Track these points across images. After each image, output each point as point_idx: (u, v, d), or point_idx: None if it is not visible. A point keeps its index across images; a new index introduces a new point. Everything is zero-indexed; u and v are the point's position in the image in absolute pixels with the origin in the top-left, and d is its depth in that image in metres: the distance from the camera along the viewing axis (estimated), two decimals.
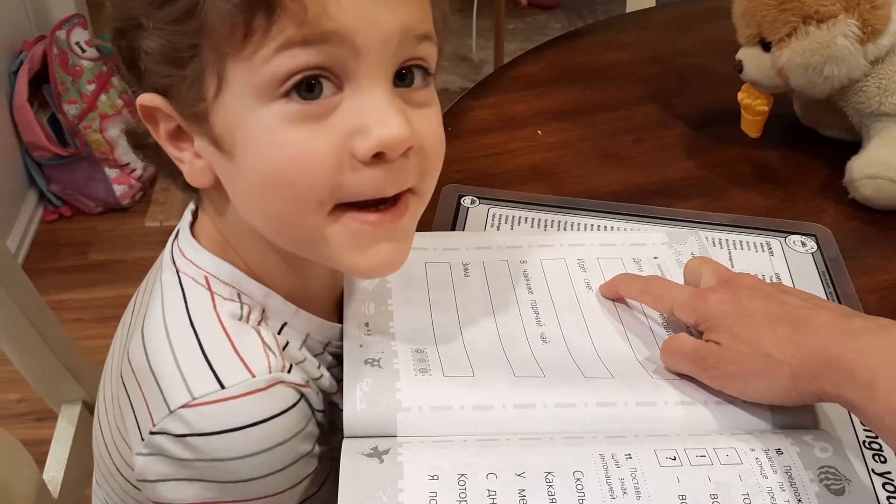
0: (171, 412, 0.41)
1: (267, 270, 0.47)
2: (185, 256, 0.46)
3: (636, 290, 0.53)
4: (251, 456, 0.41)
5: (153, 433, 0.42)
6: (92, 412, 0.76)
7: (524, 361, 0.49)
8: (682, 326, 0.52)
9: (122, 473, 0.48)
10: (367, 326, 0.50)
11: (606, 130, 0.82)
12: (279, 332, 0.47)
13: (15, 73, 1.69)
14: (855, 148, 0.74)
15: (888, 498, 0.45)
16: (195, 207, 0.49)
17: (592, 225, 0.68)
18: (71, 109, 1.72)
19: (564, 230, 0.67)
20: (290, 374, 0.44)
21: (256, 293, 0.46)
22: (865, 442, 0.49)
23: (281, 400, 0.42)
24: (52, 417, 0.77)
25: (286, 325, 0.47)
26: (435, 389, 0.46)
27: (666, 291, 0.52)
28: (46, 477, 0.70)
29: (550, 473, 0.42)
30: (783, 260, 0.64)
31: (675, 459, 0.43)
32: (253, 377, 0.42)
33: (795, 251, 0.65)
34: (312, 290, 0.50)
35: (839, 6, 0.67)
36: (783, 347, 0.44)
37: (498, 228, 0.68)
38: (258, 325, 0.45)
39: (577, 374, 0.48)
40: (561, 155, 0.79)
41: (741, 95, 0.79)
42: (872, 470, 0.47)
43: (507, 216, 0.69)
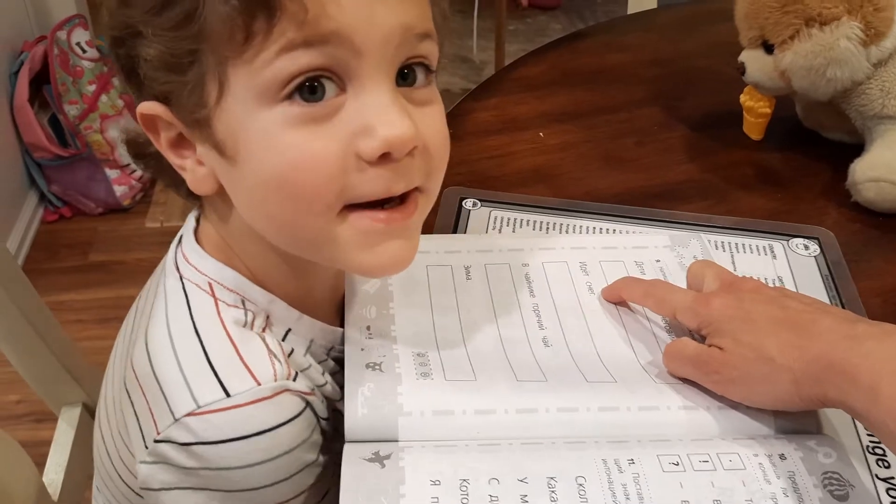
0: (175, 420, 0.41)
1: (271, 276, 0.46)
2: (188, 262, 0.46)
3: (639, 293, 0.53)
4: (257, 465, 0.41)
5: (157, 441, 0.42)
6: (92, 415, 0.76)
7: (526, 365, 0.49)
8: (684, 330, 0.51)
9: (123, 480, 0.48)
10: (368, 330, 0.50)
11: (608, 133, 0.82)
12: (283, 338, 0.46)
13: (16, 73, 1.69)
14: (857, 150, 0.73)
15: (892, 503, 0.45)
16: (198, 213, 0.48)
17: (594, 228, 0.68)
18: (71, 110, 1.72)
19: (566, 233, 0.67)
20: (295, 381, 0.44)
21: (260, 299, 0.46)
22: (869, 447, 0.49)
23: (287, 408, 0.42)
24: (51, 419, 0.77)
25: (290, 331, 0.47)
26: (436, 394, 0.46)
27: (668, 295, 0.51)
28: (46, 480, 0.70)
29: (553, 479, 0.42)
30: (786, 263, 0.63)
31: (677, 465, 0.43)
32: (258, 385, 0.41)
33: (798, 254, 0.64)
34: (315, 294, 0.49)
35: (842, 8, 0.67)
36: (786, 352, 0.43)
37: (499, 231, 0.67)
38: (262, 331, 0.45)
39: (579, 378, 0.48)
40: (563, 157, 0.79)
41: (743, 98, 0.79)
42: (876, 475, 0.47)
43: (508, 219, 0.69)
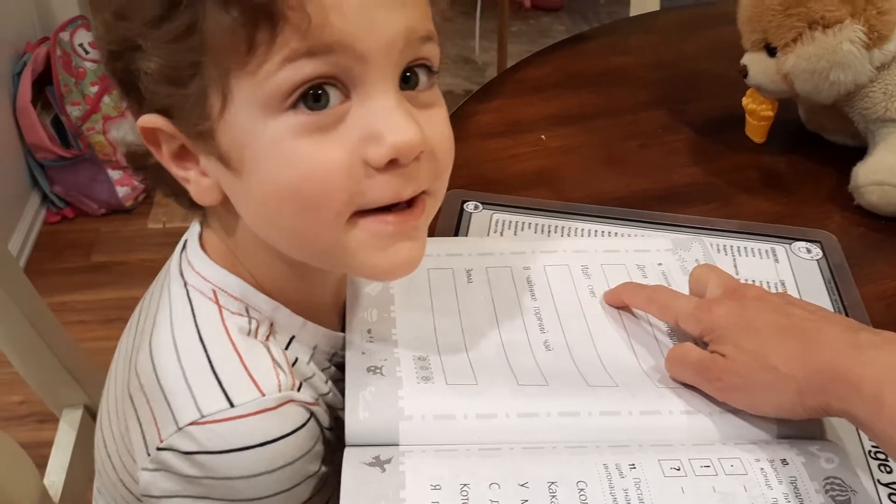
0: (179, 429, 0.41)
1: (275, 283, 0.46)
2: (193, 269, 0.46)
3: (641, 299, 0.53)
4: (260, 475, 0.41)
5: (160, 449, 0.42)
6: (94, 417, 0.76)
7: (527, 369, 0.49)
8: (686, 335, 0.51)
9: (125, 485, 0.48)
10: (369, 333, 0.50)
11: (611, 135, 0.82)
12: (287, 345, 0.46)
13: (18, 74, 1.69)
14: (860, 153, 0.73)
15: None
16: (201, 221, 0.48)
17: (596, 231, 0.67)
18: (74, 111, 1.72)
19: (568, 236, 0.67)
20: (299, 392, 0.43)
21: (265, 307, 0.46)
22: (871, 452, 0.48)
23: (291, 419, 0.42)
24: (54, 419, 0.77)
25: (294, 338, 0.47)
26: (437, 398, 0.46)
27: (671, 301, 0.51)
28: (47, 482, 0.70)
29: (554, 483, 0.42)
30: (788, 267, 0.63)
31: (679, 469, 0.43)
32: (263, 396, 0.41)
33: (801, 258, 0.64)
34: (318, 299, 0.49)
35: (845, 11, 0.67)
36: (789, 361, 0.43)
37: (501, 234, 0.67)
38: (266, 339, 0.45)
39: (580, 381, 0.48)
40: (566, 160, 0.78)
41: (746, 100, 0.79)
42: (878, 480, 0.47)
43: (510, 222, 0.68)
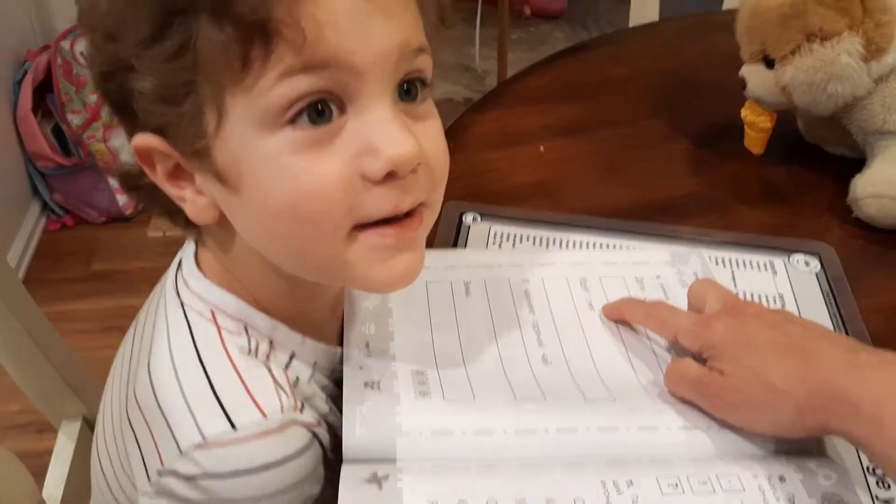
0: (180, 452, 0.41)
1: (273, 300, 0.46)
2: (189, 288, 0.46)
3: (640, 314, 0.53)
4: (262, 498, 0.41)
5: (161, 473, 0.41)
6: (92, 428, 0.76)
7: (525, 384, 0.49)
8: (685, 350, 0.51)
9: None
10: (367, 347, 0.50)
11: (610, 146, 0.82)
12: (287, 364, 0.46)
13: (19, 82, 1.70)
14: (860, 165, 0.73)
15: None
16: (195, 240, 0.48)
17: (595, 243, 0.67)
18: (74, 119, 1.72)
19: (567, 248, 0.67)
20: (302, 413, 0.43)
21: (263, 325, 0.45)
22: (869, 468, 0.48)
23: (294, 442, 0.42)
24: (52, 429, 0.77)
25: (294, 355, 0.47)
26: (435, 414, 0.46)
27: (670, 317, 0.51)
28: (46, 494, 0.70)
29: (551, 500, 0.42)
30: (786, 280, 0.63)
31: (677, 486, 0.43)
32: (265, 417, 0.41)
33: (799, 271, 0.64)
34: (316, 314, 0.49)
35: (843, 24, 0.67)
36: (788, 379, 0.43)
37: (500, 246, 0.67)
38: (267, 358, 0.45)
39: (578, 396, 0.48)
40: (564, 171, 0.79)
41: (744, 112, 0.79)
42: (876, 496, 0.47)
43: (509, 234, 0.68)
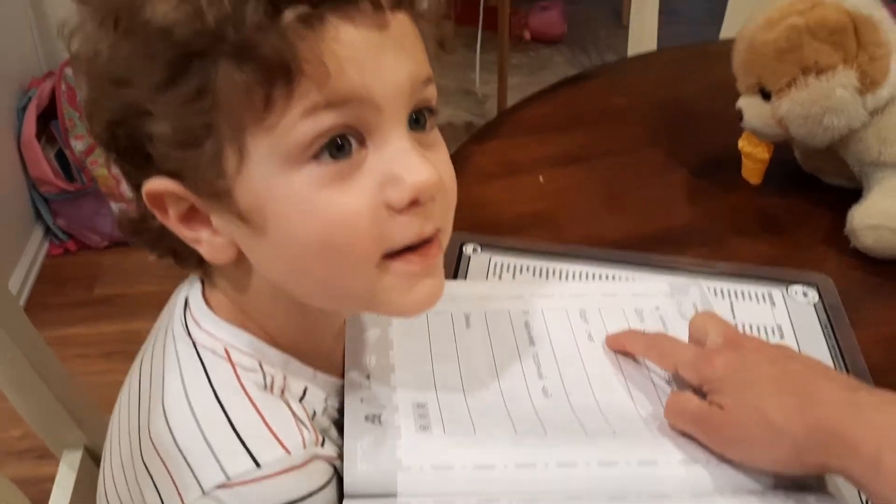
0: (203, 493, 0.40)
1: (286, 335, 0.46)
2: (200, 327, 0.45)
3: (641, 346, 0.54)
4: None
5: None
6: (94, 458, 0.76)
7: (526, 417, 0.49)
8: (684, 382, 0.51)
9: None
10: (368, 379, 0.50)
11: (609, 175, 0.83)
12: (302, 398, 0.46)
13: (23, 109, 1.71)
14: (857, 195, 0.74)
15: None
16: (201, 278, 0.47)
17: (594, 274, 0.68)
18: (78, 145, 1.74)
19: (566, 279, 0.67)
20: (323, 447, 0.43)
21: (277, 360, 0.45)
22: (868, 502, 0.48)
23: (317, 476, 0.42)
24: (53, 455, 0.77)
25: (307, 389, 0.46)
26: (436, 448, 0.46)
27: (671, 350, 0.52)
28: None
29: None
30: (785, 311, 0.63)
31: None
32: (288, 454, 0.41)
33: (797, 302, 0.64)
34: (323, 345, 0.50)
35: (838, 58, 0.68)
36: (787, 416, 0.43)
37: (500, 277, 0.68)
38: (282, 393, 0.44)
39: (578, 429, 0.48)
40: (564, 201, 0.79)
41: (742, 143, 0.80)
42: None
43: (509, 264, 0.69)
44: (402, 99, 0.40)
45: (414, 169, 0.39)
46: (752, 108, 0.75)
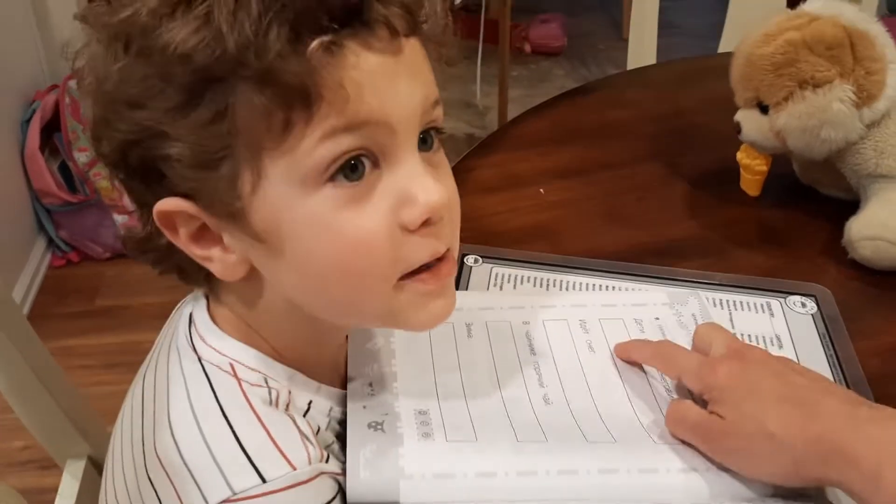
0: None
1: (292, 349, 0.46)
2: (206, 343, 0.45)
3: (647, 353, 0.54)
4: None
5: None
6: (97, 468, 0.76)
7: (527, 424, 0.49)
8: (686, 392, 0.52)
9: None
10: (370, 387, 0.51)
11: (609, 189, 0.83)
12: (306, 412, 0.46)
13: (27, 121, 1.72)
14: (855, 207, 0.74)
15: None
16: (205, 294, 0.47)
17: (595, 284, 0.68)
18: (81, 157, 1.75)
19: (567, 290, 0.68)
20: (328, 463, 0.43)
21: (282, 375, 0.46)
22: None
23: (323, 492, 0.42)
24: (56, 466, 0.77)
25: (312, 403, 0.47)
26: (438, 456, 0.46)
27: (675, 357, 0.52)
28: None
29: None
30: (783, 321, 0.64)
31: None
32: (294, 470, 0.41)
33: (796, 312, 0.65)
34: (326, 358, 0.50)
35: (834, 72, 0.69)
36: (787, 429, 0.44)
37: (501, 288, 0.68)
38: (287, 408, 0.45)
39: (579, 437, 0.49)
40: (564, 214, 0.80)
41: (740, 155, 0.80)
42: None
43: (510, 275, 0.70)
44: (414, 121, 0.41)
45: (426, 188, 0.40)
46: (750, 121, 0.75)
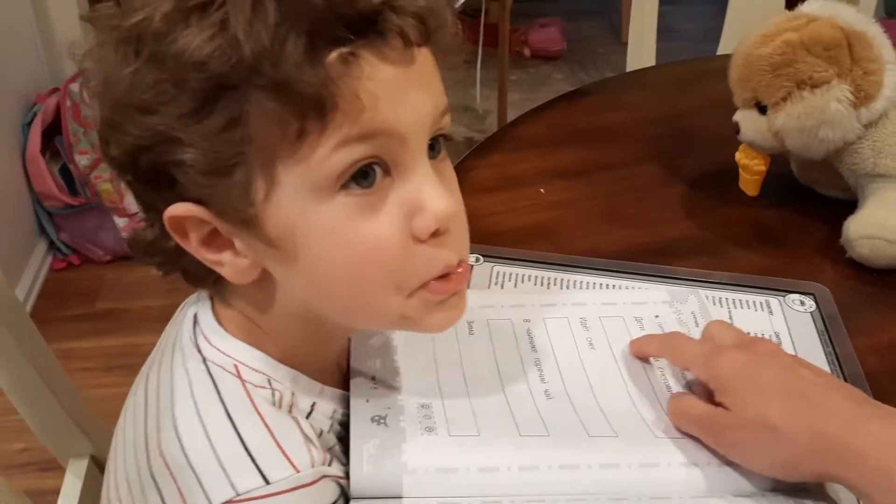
0: None
1: (298, 351, 0.47)
2: (211, 344, 0.45)
3: (656, 345, 0.55)
4: None
5: None
6: (99, 467, 0.76)
7: (529, 418, 0.50)
8: (688, 387, 0.52)
9: None
10: (373, 381, 0.51)
11: (608, 189, 0.84)
12: (309, 414, 0.47)
13: (28, 124, 1.73)
14: (852, 206, 0.75)
15: None
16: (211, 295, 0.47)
17: (595, 283, 0.69)
18: (82, 160, 1.75)
19: (567, 288, 0.68)
20: (331, 466, 0.44)
21: (286, 377, 0.46)
22: None
23: (325, 495, 0.43)
24: (55, 468, 0.77)
25: (315, 405, 0.47)
26: (440, 451, 0.47)
27: (683, 346, 0.53)
28: None
29: None
30: (782, 319, 0.64)
31: None
32: (297, 472, 0.41)
33: (794, 310, 0.66)
34: (329, 358, 0.51)
35: (832, 72, 0.69)
36: (792, 423, 0.44)
37: (502, 286, 0.69)
38: (290, 410, 0.45)
39: (581, 431, 0.49)
40: (564, 214, 0.80)
41: (739, 155, 0.81)
42: None
43: (510, 274, 0.70)
44: (424, 131, 0.41)
45: (436, 197, 0.41)
46: (748, 121, 0.76)
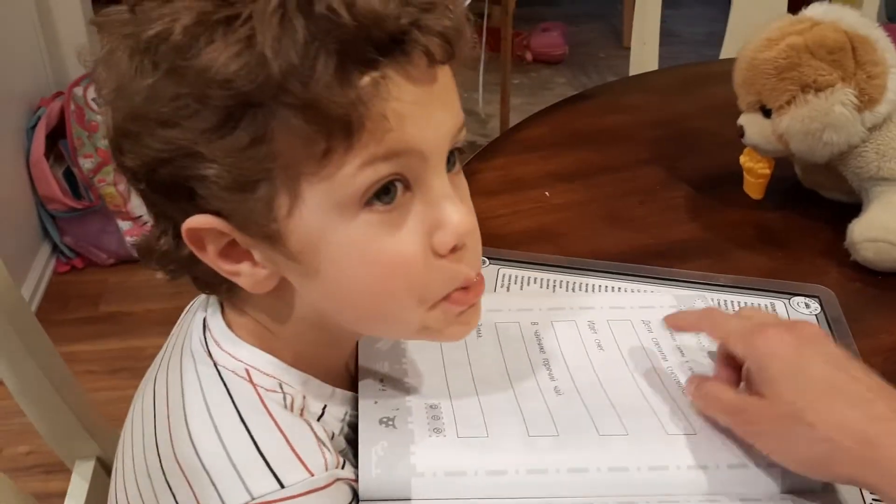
0: None
1: (309, 356, 0.47)
2: (221, 349, 0.45)
3: (694, 318, 0.55)
4: None
5: None
6: (105, 469, 0.76)
7: (539, 417, 0.50)
8: (691, 380, 0.52)
9: None
10: (381, 383, 0.51)
11: (612, 192, 0.84)
12: (320, 417, 0.47)
13: (32, 128, 1.73)
14: (856, 210, 0.75)
15: None
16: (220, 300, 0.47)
17: (601, 286, 0.69)
18: (86, 163, 1.76)
19: (573, 291, 0.69)
20: (344, 469, 0.44)
21: (296, 380, 0.46)
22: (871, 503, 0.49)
23: (339, 498, 0.43)
24: (60, 471, 0.77)
25: (326, 407, 0.47)
26: (449, 453, 0.47)
27: (723, 320, 0.52)
28: None
29: None
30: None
31: None
32: (312, 476, 0.41)
33: (800, 313, 0.66)
34: (338, 362, 0.51)
35: (836, 76, 0.70)
36: (829, 422, 0.42)
37: (508, 289, 0.69)
38: (302, 414, 0.45)
39: (591, 430, 0.49)
40: (567, 216, 0.81)
41: (743, 158, 0.81)
42: None
43: (516, 276, 0.70)
44: (444, 148, 0.42)
45: (455, 213, 0.41)
46: (752, 124, 0.76)
